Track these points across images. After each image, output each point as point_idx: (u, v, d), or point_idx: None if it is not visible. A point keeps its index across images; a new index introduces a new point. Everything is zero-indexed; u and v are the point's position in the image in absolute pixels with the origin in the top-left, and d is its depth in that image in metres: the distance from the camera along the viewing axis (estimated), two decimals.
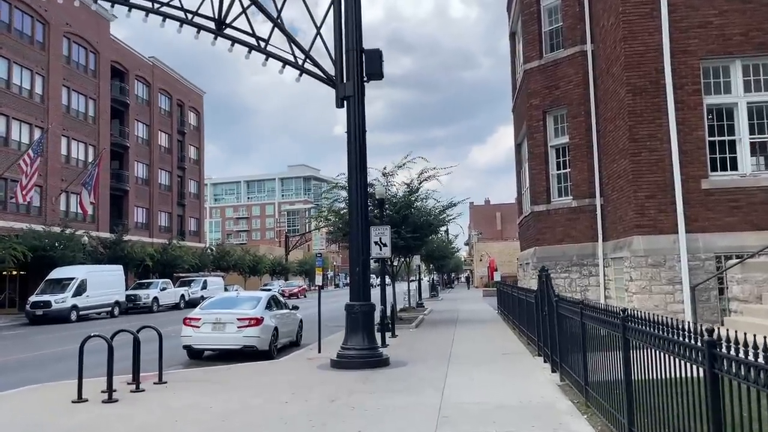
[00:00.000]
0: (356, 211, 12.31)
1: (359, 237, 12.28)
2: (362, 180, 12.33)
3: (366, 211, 12.41)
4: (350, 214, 12.42)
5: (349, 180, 12.44)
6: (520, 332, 16.70)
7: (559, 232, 17.45)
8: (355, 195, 12.31)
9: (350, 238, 12.47)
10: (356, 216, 12.31)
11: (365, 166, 12.44)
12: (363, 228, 12.29)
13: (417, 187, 22.50)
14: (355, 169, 12.33)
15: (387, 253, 19.76)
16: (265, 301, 15.04)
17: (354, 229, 12.35)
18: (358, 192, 12.27)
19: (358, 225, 12.29)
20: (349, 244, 12.57)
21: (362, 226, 12.29)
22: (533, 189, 18.30)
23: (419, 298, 32.58)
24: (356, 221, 12.30)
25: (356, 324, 12.07)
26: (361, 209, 12.28)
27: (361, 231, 12.28)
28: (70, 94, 45.48)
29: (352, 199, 12.37)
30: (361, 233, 12.28)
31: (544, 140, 18.06)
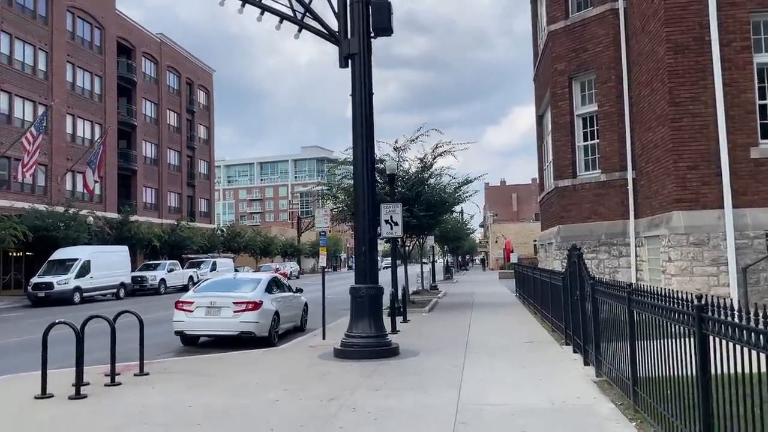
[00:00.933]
0: (362, 184, 10.98)
1: (366, 213, 10.96)
2: (369, 149, 11.00)
3: (373, 184, 11.09)
4: (356, 188, 11.11)
5: (355, 149, 11.11)
6: (542, 317, 15.39)
7: (586, 209, 16.02)
8: (361, 166, 10.97)
9: (356, 214, 11.18)
10: (362, 189, 10.98)
11: (372, 133, 11.09)
12: (370, 203, 10.97)
13: (431, 163, 21.10)
14: (361, 137, 10.98)
15: (398, 232, 18.49)
16: (265, 284, 13.82)
17: (360, 203, 11.04)
18: (364, 162, 10.94)
19: (364, 199, 10.97)
20: (354, 220, 11.29)
21: (369, 200, 10.97)
22: (557, 162, 16.84)
23: (433, 281, 31.32)
24: (362, 195, 10.99)
25: (362, 309, 10.81)
26: (368, 182, 10.95)
27: (367, 206, 10.96)
28: (75, 71, 44.34)
29: (358, 170, 11.05)
30: (368, 208, 10.96)
31: (570, 109, 16.55)
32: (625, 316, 6.45)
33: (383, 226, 18.73)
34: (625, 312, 6.40)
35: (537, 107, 21.05)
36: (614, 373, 7.20)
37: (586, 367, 8.94)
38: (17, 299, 32.35)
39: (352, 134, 11.10)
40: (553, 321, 13.30)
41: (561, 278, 11.63)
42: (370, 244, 10.96)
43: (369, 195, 10.96)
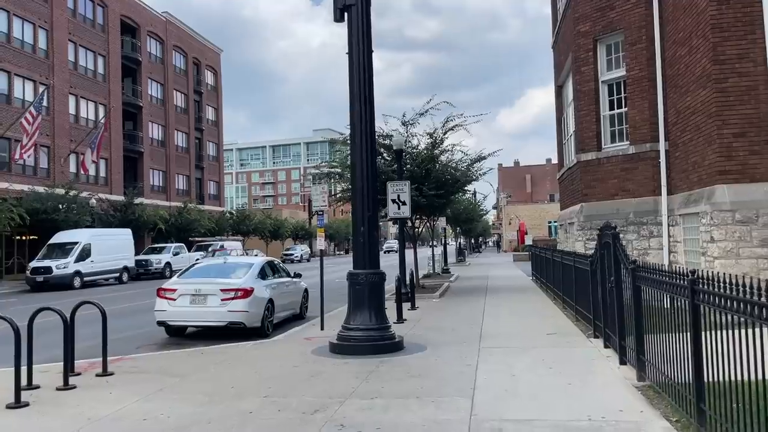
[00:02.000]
0: (360, 155, 9.61)
1: (364, 187, 9.60)
2: (368, 114, 9.60)
3: (373, 154, 9.70)
4: (353, 159, 9.73)
5: (352, 114, 9.71)
6: (564, 304, 14.01)
7: (612, 184, 14.54)
8: (359, 134, 9.59)
9: (353, 190, 9.82)
10: (360, 160, 9.61)
11: (372, 96, 9.68)
12: (369, 176, 9.60)
13: (441, 138, 19.62)
14: (358, 100, 9.59)
15: (406, 212, 17.13)
16: (257, 269, 12.55)
17: (358, 177, 9.67)
18: (362, 129, 9.56)
19: (362, 172, 9.61)
20: (351, 196, 9.94)
21: (368, 173, 9.60)
22: (580, 134, 15.33)
23: (445, 264, 29.99)
24: (360, 167, 9.62)
25: (361, 297, 9.50)
26: (367, 152, 9.58)
27: (366, 179, 9.59)
28: (77, 50, 43.14)
29: (356, 139, 9.66)
30: (367, 182, 9.59)
31: (594, 74, 15.00)
32: (684, 312, 5.06)
33: (390, 206, 17.37)
34: (686, 306, 5.01)
35: (556, 77, 19.48)
36: (665, 379, 5.83)
37: (622, 367, 7.57)
38: (18, 284, 31.46)
39: (349, 96, 9.70)
40: (577, 309, 11.92)
41: (588, 262, 10.22)
42: (370, 223, 9.61)
43: (368, 167, 9.59)
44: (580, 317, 11.67)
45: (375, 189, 9.74)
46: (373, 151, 9.71)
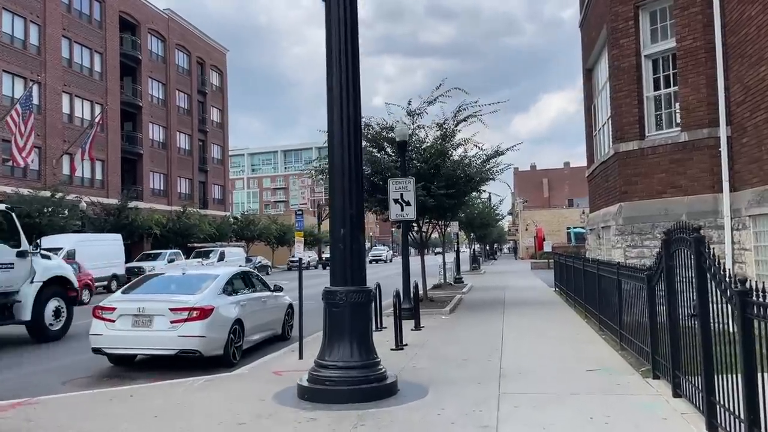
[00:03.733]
0: (340, 135, 7.18)
1: (345, 176, 7.17)
2: (351, 80, 7.17)
3: (356, 135, 7.25)
4: (330, 141, 7.29)
5: (329, 79, 7.28)
6: (600, 324, 11.48)
7: (659, 180, 12.00)
8: (338, 107, 7.16)
9: (330, 179, 7.39)
10: (340, 143, 7.18)
11: (356, 57, 7.26)
12: (350, 163, 7.16)
13: (453, 130, 17.14)
14: (337, 63, 7.17)
15: (410, 214, 14.68)
16: (222, 282, 10.13)
17: (336, 162, 7.23)
18: (342, 101, 7.14)
19: (342, 158, 7.18)
20: (329, 188, 7.51)
21: (349, 159, 7.16)
22: (618, 120, 12.79)
23: (457, 273, 27.47)
24: (339, 151, 7.19)
25: (340, 324, 7.05)
26: (348, 132, 7.15)
27: (347, 165, 7.16)
28: (72, 47, 41.21)
29: (334, 113, 7.22)
30: (349, 169, 7.16)
31: (636, 48, 12.48)
32: None
33: (392, 207, 14.92)
34: None
35: (584, 59, 16.95)
36: None
37: None
38: None
39: (326, 56, 7.29)
40: (622, 335, 9.38)
41: (644, 276, 7.69)
42: (353, 224, 7.16)
43: (349, 151, 7.16)
44: (627, 345, 9.15)
45: (359, 178, 7.29)
46: (356, 131, 7.27)
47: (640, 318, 8.32)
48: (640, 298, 8.08)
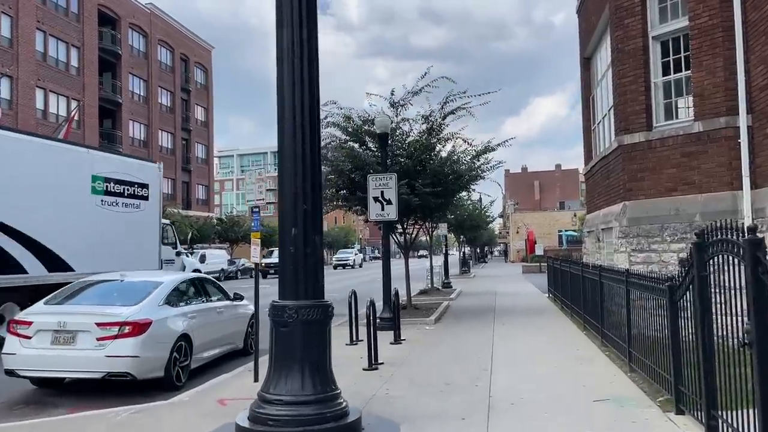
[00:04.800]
0: (291, 105, 5.76)
1: (296, 162, 5.76)
2: (305, 38, 5.75)
3: (312, 105, 5.81)
4: (280, 113, 5.86)
5: (278, 38, 5.86)
6: (603, 339, 10.13)
7: (669, 176, 10.66)
8: (289, 64, 5.74)
9: (279, 167, 5.96)
10: (291, 116, 5.76)
11: (314, 6, 5.84)
12: (304, 143, 5.74)
13: (440, 123, 15.76)
14: (289, 15, 5.76)
15: (392, 213, 13.30)
16: (166, 291, 8.67)
17: (287, 145, 5.81)
18: (293, 57, 5.72)
19: (294, 137, 5.76)
20: (278, 177, 6.09)
21: (303, 139, 5.74)
22: (622, 110, 11.45)
23: (445, 277, 26.10)
24: (291, 127, 5.77)
25: (289, 348, 5.64)
26: (302, 101, 5.73)
27: (302, 149, 5.73)
28: (47, 40, 39.59)
29: (284, 72, 5.79)
30: (302, 155, 5.74)
31: (643, 28, 11.14)
32: None
33: (371, 206, 13.53)
34: None
35: (582, 47, 15.63)
36: None
37: None
38: None
39: (275, 7, 5.87)
40: (632, 354, 8.02)
41: (666, 288, 6.33)
42: (306, 223, 5.73)
43: (304, 126, 5.74)
44: (637, 366, 7.80)
45: (316, 164, 5.87)
46: (314, 94, 5.84)
47: (651, 333, 6.97)
48: (657, 313, 6.73)
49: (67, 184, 13.55)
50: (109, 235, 14.58)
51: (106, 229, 14.60)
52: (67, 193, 13.52)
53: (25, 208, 12.51)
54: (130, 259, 14.43)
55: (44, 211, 12.96)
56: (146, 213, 16.37)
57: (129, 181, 15.69)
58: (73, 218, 13.51)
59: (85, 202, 13.10)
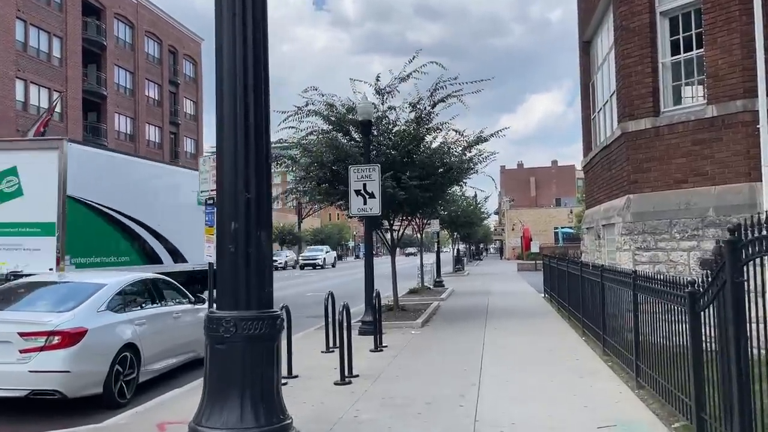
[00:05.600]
0: (230, 70, 4.68)
1: (236, 138, 4.68)
2: None
3: (259, 73, 4.73)
4: (218, 77, 4.79)
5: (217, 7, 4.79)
6: (604, 346, 9.12)
7: (678, 166, 9.63)
8: (229, 37, 4.67)
9: (218, 145, 4.90)
10: (231, 80, 4.68)
11: None
12: (247, 115, 4.67)
13: (429, 111, 14.69)
14: None
15: (375, 208, 12.25)
16: (108, 294, 7.60)
17: (226, 115, 4.72)
18: (233, 13, 4.65)
19: (234, 105, 4.68)
20: (216, 160, 5.02)
21: (245, 108, 4.67)
22: (626, 94, 10.39)
23: (437, 275, 25.05)
24: (230, 91, 4.69)
25: (227, 370, 4.58)
26: (243, 64, 4.66)
27: (244, 122, 4.66)
28: (28, 29, 38.30)
29: (222, 34, 4.71)
30: (244, 131, 4.66)
31: (650, 3, 10.08)
32: None
33: (352, 199, 12.46)
34: None
35: (581, 30, 14.57)
36: None
37: None
38: None
39: None
40: (639, 368, 6.99)
41: (687, 295, 5.27)
42: (249, 215, 4.66)
43: (246, 94, 4.67)
44: (646, 381, 6.78)
45: (263, 140, 4.79)
46: (258, 59, 4.75)
47: (664, 344, 5.95)
48: (673, 323, 5.70)
49: (183, 200, 16.80)
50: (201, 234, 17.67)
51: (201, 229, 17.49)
52: (183, 206, 16.80)
53: (162, 218, 16.51)
54: None
55: (171, 219, 16.79)
56: None
57: None
58: (187, 224, 16.55)
59: (193, 212, 15.67)
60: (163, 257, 16.63)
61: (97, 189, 14.45)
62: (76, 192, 13.76)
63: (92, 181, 14.31)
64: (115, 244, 15.15)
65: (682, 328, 5.41)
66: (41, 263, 12.88)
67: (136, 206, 15.66)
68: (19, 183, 13.65)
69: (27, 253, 13.34)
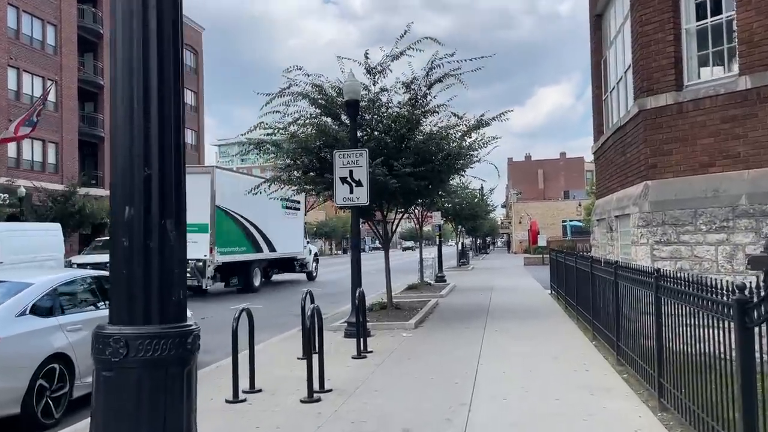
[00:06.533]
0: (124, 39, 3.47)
1: (131, 91, 3.46)
2: None
3: (173, 29, 3.56)
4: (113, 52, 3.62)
5: None
6: (618, 354, 7.93)
7: (704, 147, 8.38)
8: None
9: (112, 105, 3.74)
10: (127, 17, 3.47)
11: None
12: (146, 61, 3.46)
13: (425, 93, 13.46)
14: None
15: (362, 198, 11.04)
16: (31, 297, 6.43)
17: (119, 60, 3.52)
18: None
19: (129, 46, 3.46)
20: (112, 132, 3.88)
21: (144, 62, 3.46)
22: (644, 65, 9.12)
23: (439, 270, 23.82)
24: (124, 23, 3.47)
25: (117, 406, 3.30)
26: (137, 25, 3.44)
27: (144, 70, 3.45)
28: (20, 16, 37.21)
29: None
30: (144, 79, 3.45)
31: None
32: None
33: (338, 188, 11.25)
34: None
35: (592, 3, 13.26)
36: None
37: None
38: None
39: None
40: (663, 387, 5.79)
41: (734, 303, 4.05)
42: (150, 197, 3.44)
43: (145, 18, 3.46)
44: (673, 404, 5.58)
45: (172, 91, 3.58)
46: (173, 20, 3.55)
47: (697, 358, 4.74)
48: (709, 333, 4.48)
49: (272, 204, 21.17)
50: (287, 230, 25.68)
51: (286, 226, 25.64)
52: (273, 208, 22.62)
53: (261, 217, 22.74)
54: (293, 242, 26.56)
55: (267, 218, 23.21)
56: (298, 217, 28.04)
57: (293, 200, 25.46)
58: (277, 221, 24.00)
59: (279, 213, 23.79)
60: (264, 247, 23.41)
61: (229, 199, 20.53)
62: (219, 202, 20.32)
63: (227, 195, 20.49)
64: (239, 238, 21.74)
65: (723, 340, 4.21)
66: (199, 251, 19.61)
67: (249, 210, 21.70)
68: None
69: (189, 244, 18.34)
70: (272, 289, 23.68)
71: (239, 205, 21.02)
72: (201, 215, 19.38)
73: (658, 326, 5.88)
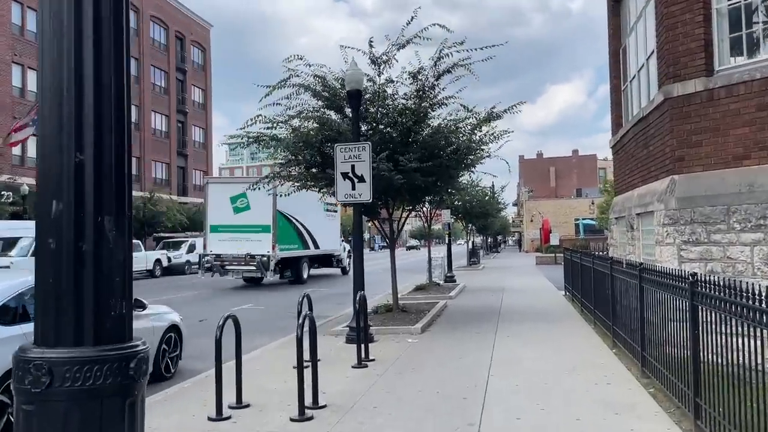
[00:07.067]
0: None
1: (62, 63, 2.80)
2: None
3: None
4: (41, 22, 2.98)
5: None
6: (642, 365, 7.21)
7: (738, 138, 7.62)
8: None
9: (38, 83, 3.11)
10: None
11: None
12: (78, 20, 2.81)
13: (432, 84, 12.75)
14: None
15: (365, 194, 10.34)
16: None
17: (48, 44, 2.87)
18: None
19: (60, 21, 2.81)
20: (39, 114, 3.24)
21: (76, 28, 2.80)
22: (670, 49, 8.36)
23: (449, 270, 23.09)
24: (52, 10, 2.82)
25: None
26: None
27: (73, 41, 2.79)
28: (24, 12, 36.94)
29: None
30: (75, 55, 2.79)
31: None
32: None
33: (339, 183, 10.57)
34: None
35: None
36: None
37: None
38: None
39: None
40: (702, 410, 5.07)
41: None
42: (83, 189, 2.79)
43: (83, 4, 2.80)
44: (710, 425, 4.85)
45: (112, 62, 2.92)
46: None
47: (741, 376, 4.02)
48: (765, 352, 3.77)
49: (317, 206, 22.68)
50: (327, 230, 28.46)
51: (327, 226, 28.41)
52: (316, 210, 24.72)
53: (308, 219, 25.64)
54: (331, 241, 29.09)
55: (312, 219, 25.98)
56: (336, 218, 30.32)
57: (331, 204, 26.53)
58: (320, 221, 26.94)
59: (321, 214, 26.59)
60: (311, 245, 26.42)
61: (285, 203, 22.31)
62: (279, 207, 23.02)
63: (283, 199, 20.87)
64: (293, 237, 24.93)
65: None
66: (262, 249, 22.83)
67: (299, 212, 24.67)
68: (248, 202, 22.99)
69: (254, 243, 22.95)
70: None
71: (292, 208, 23.80)
72: (265, 218, 22.89)
73: (694, 339, 5.16)
